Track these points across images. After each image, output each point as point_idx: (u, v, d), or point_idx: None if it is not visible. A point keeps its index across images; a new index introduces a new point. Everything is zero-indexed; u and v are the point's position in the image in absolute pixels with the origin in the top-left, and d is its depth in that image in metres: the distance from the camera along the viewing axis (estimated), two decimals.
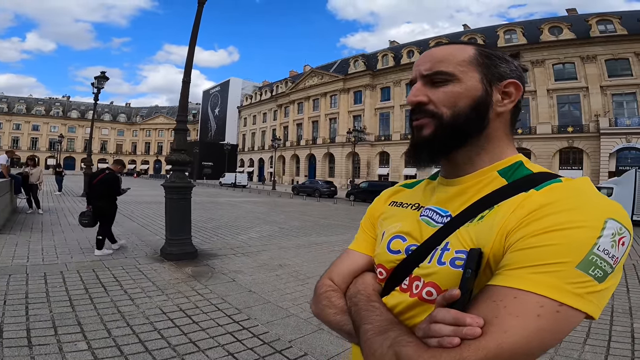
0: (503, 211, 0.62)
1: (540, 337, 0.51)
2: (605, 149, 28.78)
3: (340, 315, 0.76)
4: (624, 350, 3.21)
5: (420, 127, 0.73)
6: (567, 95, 32.02)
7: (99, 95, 17.34)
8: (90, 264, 5.30)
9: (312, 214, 15.36)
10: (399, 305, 0.70)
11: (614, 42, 29.44)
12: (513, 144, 0.75)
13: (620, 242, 0.54)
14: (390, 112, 43.70)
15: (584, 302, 0.52)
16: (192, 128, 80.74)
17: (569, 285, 0.52)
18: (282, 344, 3.15)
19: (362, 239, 0.90)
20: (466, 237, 0.64)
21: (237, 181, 42.61)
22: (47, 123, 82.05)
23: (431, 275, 0.66)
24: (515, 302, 0.52)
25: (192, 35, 6.45)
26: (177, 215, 6.15)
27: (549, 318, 0.51)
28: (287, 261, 6.33)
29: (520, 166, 0.71)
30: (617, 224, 0.55)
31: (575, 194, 0.59)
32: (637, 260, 7.62)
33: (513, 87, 0.72)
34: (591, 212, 0.55)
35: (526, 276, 0.53)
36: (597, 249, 0.53)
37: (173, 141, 6.77)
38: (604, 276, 0.53)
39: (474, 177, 0.72)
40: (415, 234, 0.74)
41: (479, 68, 0.71)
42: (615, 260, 0.54)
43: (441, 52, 0.73)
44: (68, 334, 3.04)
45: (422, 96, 0.72)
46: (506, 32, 35.61)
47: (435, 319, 0.55)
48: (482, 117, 0.70)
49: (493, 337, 0.51)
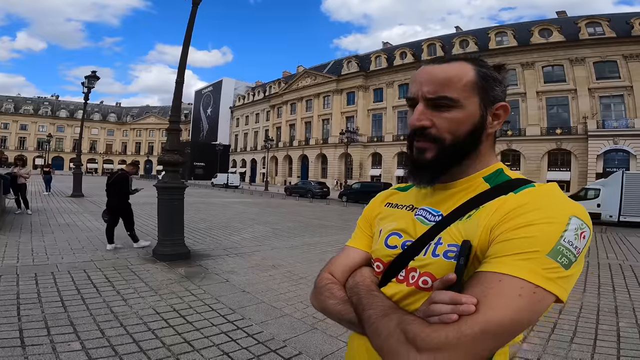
0: (487, 211, 0.71)
1: (520, 314, 0.59)
2: (592, 150, 29.27)
3: (342, 305, 0.81)
4: (609, 349, 3.28)
5: (422, 150, 0.78)
6: (556, 98, 32.52)
7: (89, 94, 17.15)
8: (81, 265, 5.26)
9: (305, 214, 15.37)
10: (396, 294, 0.77)
11: (602, 44, 29.98)
12: (495, 153, 0.84)
13: (582, 236, 0.64)
14: (382, 114, 43.92)
15: (555, 286, 0.61)
16: (183, 128, 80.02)
17: (542, 271, 0.61)
18: (276, 343, 3.17)
19: (359, 236, 0.97)
20: (456, 232, 0.73)
21: (230, 182, 42.35)
22: (36, 122, 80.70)
23: (427, 266, 0.74)
24: (500, 284, 0.61)
25: (186, 35, 6.43)
26: (169, 216, 6.12)
27: (528, 298, 0.59)
28: (281, 262, 6.35)
29: (501, 173, 0.80)
30: (579, 220, 0.65)
31: (545, 196, 0.69)
32: (624, 260, 7.80)
33: (502, 110, 0.80)
34: (558, 211, 0.65)
35: (509, 262, 0.62)
36: (563, 241, 0.62)
37: (165, 141, 6.75)
38: (569, 264, 0.62)
39: (462, 183, 0.80)
40: (410, 231, 0.81)
41: (479, 92, 0.76)
42: (578, 250, 0.63)
43: (444, 74, 0.76)
44: (61, 334, 3.02)
45: (426, 120, 0.77)
46: (497, 34, 36.01)
47: (434, 300, 0.64)
48: (477, 139, 0.78)
49: (484, 313, 0.59)
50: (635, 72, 28.51)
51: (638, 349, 3.29)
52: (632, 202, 15.84)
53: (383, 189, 1.08)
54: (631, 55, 28.69)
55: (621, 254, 8.51)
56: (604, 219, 16.29)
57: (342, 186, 30.18)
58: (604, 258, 7.88)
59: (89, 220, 9.93)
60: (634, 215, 15.77)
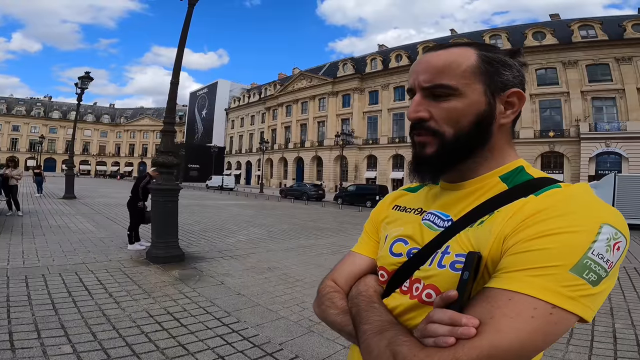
0: (502, 216, 0.63)
1: (533, 338, 0.52)
2: (585, 153, 29.56)
3: (342, 316, 0.76)
4: (606, 350, 3.29)
5: (423, 145, 0.71)
6: (549, 100, 32.84)
7: (82, 95, 17.00)
8: (73, 267, 5.18)
9: (300, 217, 15.33)
10: (399, 306, 0.71)
11: (594, 47, 30.35)
12: (514, 148, 0.75)
13: (615, 247, 0.55)
14: (378, 116, 44.01)
15: (577, 305, 0.53)
16: (178, 130, 79.76)
17: (562, 288, 0.52)
18: (272, 346, 3.13)
19: (365, 242, 0.91)
20: (466, 241, 0.65)
21: (224, 184, 42.15)
22: (28, 123, 79.94)
23: (431, 278, 0.67)
24: (510, 303, 0.53)
25: (181, 36, 6.39)
26: (163, 218, 6.06)
27: (542, 320, 0.52)
28: (276, 264, 6.30)
29: (521, 171, 0.71)
30: (612, 229, 0.55)
31: (571, 199, 0.59)
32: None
33: (516, 97, 0.70)
34: (587, 217, 0.56)
35: (521, 279, 0.54)
36: (591, 253, 0.53)
37: (160, 143, 6.70)
38: (598, 280, 0.54)
39: (475, 183, 0.72)
40: (417, 237, 0.74)
41: (482, 77, 0.68)
42: (610, 264, 0.55)
43: (441, 60, 0.69)
44: (52, 337, 2.96)
45: (423, 112, 0.70)
46: (492, 37, 36.34)
47: (432, 319, 0.57)
48: (485, 132, 0.69)
49: (487, 337, 0.52)
50: (627, 75, 28.88)
51: (635, 350, 3.30)
52: (624, 204, 15.99)
53: (378, 191, 1.03)
54: (623, 58, 29.06)
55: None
56: None
57: (336, 188, 30.19)
58: None
59: (81, 222, 9.81)
60: (626, 217, 15.71)
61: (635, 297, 5.04)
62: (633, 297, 5.03)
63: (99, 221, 10.15)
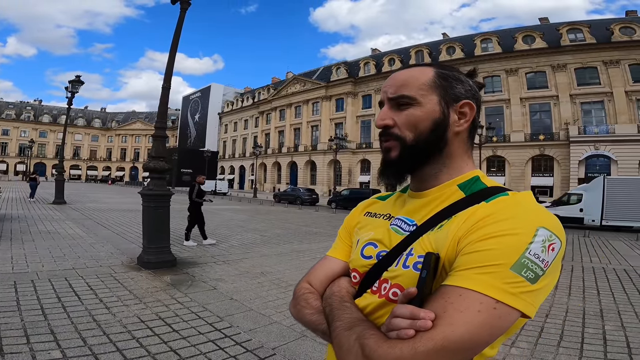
0: (458, 220, 0.70)
1: (480, 331, 0.57)
2: (574, 156, 29.95)
3: (316, 316, 0.81)
4: (597, 353, 3.31)
5: (388, 149, 0.79)
6: (539, 104, 33.32)
7: (72, 99, 16.85)
8: (63, 273, 5.10)
9: (294, 221, 15.30)
10: (369, 305, 0.76)
11: (583, 50, 30.83)
12: (472, 159, 0.83)
13: (550, 248, 0.62)
14: (371, 120, 44.15)
15: (518, 301, 0.59)
16: (170, 134, 79.39)
17: (505, 285, 0.59)
18: (265, 351, 3.11)
19: (339, 246, 0.96)
20: (427, 243, 0.71)
21: (217, 188, 41.95)
22: (17, 127, 78.81)
23: (396, 278, 0.73)
24: (460, 299, 0.59)
25: (173, 39, 6.38)
26: (155, 223, 6.00)
27: (487, 314, 0.58)
28: (269, 269, 6.28)
29: (477, 181, 0.78)
30: (547, 232, 0.62)
31: (515, 205, 0.67)
32: (607, 264, 7.95)
33: (468, 108, 0.79)
34: (525, 221, 0.63)
35: (470, 276, 0.60)
36: (528, 253, 0.60)
37: (151, 148, 6.66)
38: (535, 278, 0.60)
39: (437, 191, 0.79)
40: (385, 241, 0.81)
41: (438, 90, 0.77)
42: (545, 263, 0.61)
43: (404, 76, 0.79)
44: (41, 342, 2.92)
45: (389, 119, 0.78)
46: (482, 40, 36.80)
47: (395, 314, 0.62)
48: (441, 137, 0.77)
49: (441, 329, 0.57)
50: (615, 79, 29.38)
51: (624, 352, 3.33)
52: (613, 206, 16.24)
53: (372, 195, 1.07)
54: (611, 61, 29.59)
55: (604, 258, 8.68)
56: (587, 223, 16.66)
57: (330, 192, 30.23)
58: (588, 262, 8.02)
59: (71, 227, 9.69)
60: (615, 219, 16.16)
61: (625, 299, 5.10)
62: (623, 299, 5.09)
63: (89, 226, 10.04)
